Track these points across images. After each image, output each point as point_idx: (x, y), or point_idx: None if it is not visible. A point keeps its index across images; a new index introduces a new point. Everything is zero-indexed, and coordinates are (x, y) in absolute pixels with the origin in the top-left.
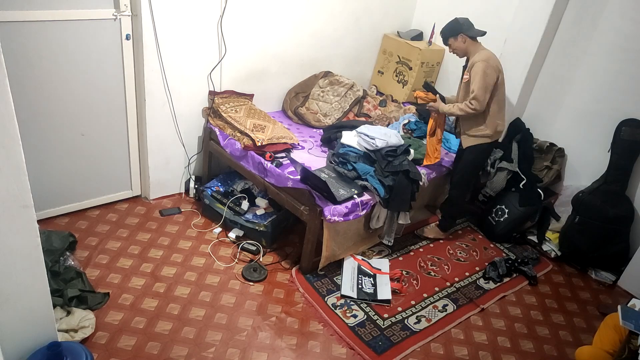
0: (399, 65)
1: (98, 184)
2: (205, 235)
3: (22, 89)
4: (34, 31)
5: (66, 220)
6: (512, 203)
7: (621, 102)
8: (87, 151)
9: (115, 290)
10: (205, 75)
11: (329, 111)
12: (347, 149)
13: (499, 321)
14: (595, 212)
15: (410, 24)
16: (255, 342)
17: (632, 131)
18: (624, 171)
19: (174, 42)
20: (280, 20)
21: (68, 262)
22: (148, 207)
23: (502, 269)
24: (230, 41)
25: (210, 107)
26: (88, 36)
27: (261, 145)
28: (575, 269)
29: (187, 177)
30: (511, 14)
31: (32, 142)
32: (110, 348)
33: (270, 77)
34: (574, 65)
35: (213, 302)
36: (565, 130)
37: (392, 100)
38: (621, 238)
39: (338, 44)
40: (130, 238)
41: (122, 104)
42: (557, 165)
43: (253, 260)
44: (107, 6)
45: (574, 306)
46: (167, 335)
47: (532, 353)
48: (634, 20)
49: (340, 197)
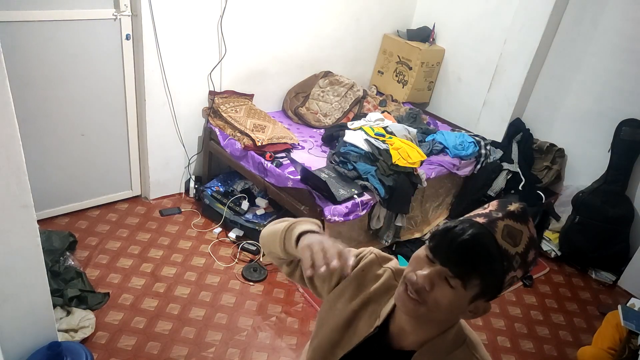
0: (399, 65)
1: (98, 184)
2: (205, 235)
3: (22, 89)
4: (34, 31)
5: (66, 220)
6: None
7: (621, 102)
8: (87, 151)
9: (115, 290)
10: (205, 75)
11: (329, 111)
12: (349, 147)
13: (499, 321)
14: (595, 212)
15: (410, 24)
16: (255, 342)
17: (632, 131)
18: (624, 171)
19: (174, 42)
20: (280, 20)
21: (68, 262)
22: (148, 207)
23: None
24: (230, 41)
25: (210, 107)
26: (88, 36)
27: (261, 145)
28: (575, 269)
29: (187, 177)
30: (511, 14)
31: (32, 142)
32: (110, 348)
33: (270, 77)
34: (574, 65)
35: (213, 302)
36: (565, 131)
37: (392, 100)
38: (621, 238)
39: (338, 44)
40: (130, 238)
41: (122, 104)
42: (557, 166)
43: (253, 260)
44: (107, 6)
45: (574, 306)
46: (167, 335)
47: (532, 353)
48: (634, 20)
49: (340, 197)
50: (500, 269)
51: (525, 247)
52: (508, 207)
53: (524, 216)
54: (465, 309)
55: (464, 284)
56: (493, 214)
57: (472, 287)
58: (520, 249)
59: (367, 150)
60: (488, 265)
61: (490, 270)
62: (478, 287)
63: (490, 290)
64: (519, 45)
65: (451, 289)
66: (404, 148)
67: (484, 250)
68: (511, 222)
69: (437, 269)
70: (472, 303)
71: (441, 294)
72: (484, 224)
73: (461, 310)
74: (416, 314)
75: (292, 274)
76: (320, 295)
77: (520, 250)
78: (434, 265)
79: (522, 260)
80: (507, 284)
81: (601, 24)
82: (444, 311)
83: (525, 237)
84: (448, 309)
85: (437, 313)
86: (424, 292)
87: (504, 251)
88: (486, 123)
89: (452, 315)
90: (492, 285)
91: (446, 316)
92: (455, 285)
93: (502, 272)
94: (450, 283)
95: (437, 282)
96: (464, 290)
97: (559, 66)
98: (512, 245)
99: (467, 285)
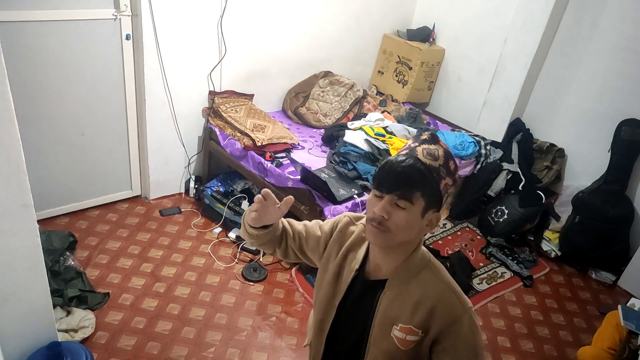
0: (399, 65)
1: (98, 184)
2: (205, 235)
3: (22, 89)
4: (34, 31)
5: (66, 220)
6: (512, 204)
7: (621, 102)
8: (87, 151)
9: (115, 290)
10: (205, 75)
11: (329, 111)
12: (349, 147)
13: (499, 321)
14: (595, 212)
15: (410, 23)
16: (255, 342)
17: (632, 131)
18: (624, 171)
19: (174, 42)
20: (280, 20)
21: (68, 262)
22: (148, 207)
23: (497, 254)
24: (230, 41)
25: (211, 107)
26: (88, 36)
27: (261, 145)
28: (575, 269)
29: (187, 177)
30: (511, 14)
31: (32, 142)
32: (110, 348)
33: (270, 77)
34: (574, 65)
35: (213, 302)
36: (565, 131)
37: (392, 100)
38: (621, 238)
39: (338, 44)
40: (130, 238)
41: (122, 103)
42: (557, 166)
43: (253, 260)
44: (107, 6)
45: (574, 306)
46: (167, 335)
47: (532, 353)
48: (634, 21)
49: (340, 197)
50: (432, 179)
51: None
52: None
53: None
54: (421, 223)
55: (410, 201)
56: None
57: (417, 200)
58: (441, 162)
59: (367, 150)
60: (422, 179)
61: (425, 182)
62: (422, 198)
63: (432, 199)
64: (519, 45)
65: (403, 210)
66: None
67: (414, 169)
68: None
69: (387, 199)
70: (424, 217)
71: (397, 216)
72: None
73: (419, 226)
74: (386, 242)
75: (287, 254)
76: (315, 264)
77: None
78: (383, 198)
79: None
80: (444, 192)
81: (601, 24)
82: (405, 230)
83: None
84: (407, 227)
85: (401, 234)
86: (384, 221)
87: (429, 166)
88: (486, 123)
89: (413, 232)
90: (432, 195)
91: (409, 236)
92: (405, 205)
93: (435, 182)
94: (400, 205)
95: (390, 209)
96: (412, 205)
97: (559, 66)
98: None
99: (413, 200)
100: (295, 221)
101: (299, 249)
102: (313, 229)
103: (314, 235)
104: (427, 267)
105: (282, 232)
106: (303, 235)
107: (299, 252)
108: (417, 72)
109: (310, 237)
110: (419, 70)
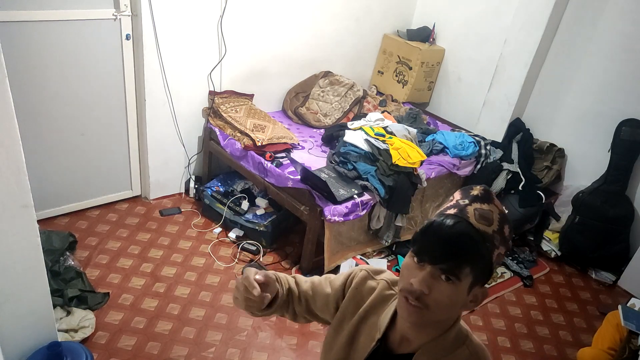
0: (399, 65)
1: (98, 184)
2: (205, 235)
3: (22, 89)
4: (34, 31)
5: (66, 220)
6: (512, 204)
7: (621, 102)
8: (87, 151)
9: (115, 290)
10: (205, 75)
11: (329, 111)
12: (349, 147)
13: (499, 321)
14: (595, 212)
15: (410, 24)
16: (255, 342)
17: (632, 131)
18: (624, 171)
19: (174, 42)
20: (280, 20)
21: (68, 262)
22: (148, 207)
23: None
24: (230, 41)
25: (211, 107)
26: (88, 36)
27: (261, 145)
28: (575, 269)
29: (187, 177)
30: (511, 14)
31: (32, 142)
32: (110, 348)
33: (270, 77)
34: (574, 65)
35: (213, 302)
36: (565, 131)
37: (392, 100)
38: (621, 238)
39: (338, 44)
40: (130, 238)
41: (122, 104)
42: (557, 166)
43: (253, 260)
44: (107, 6)
45: (574, 306)
46: (167, 335)
47: (532, 353)
48: (634, 21)
49: (340, 197)
50: (485, 250)
51: (499, 224)
52: (471, 192)
53: (488, 196)
54: (465, 300)
55: (457, 276)
56: (461, 203)
57: (465, 277)
58: (496, 227)
59: (367, 150)
60: (474, 251)
61: (477, 255)
62: (471, 274)
63: (482, 274)
64: (519, 45)
65: (447, 285)
66: (404, 148)
67: (466, 238)
68: (479, 205)
69: (429, 270)
70: (470, 292)
71: (439, 292)
72: (457, 214)
73: (462, 303)
74: (422, 320)
75: (295, 317)
76: (328, 322)
77: (496, 227)
78: (424, 268)
79: (500, 237)
80: (496, 263)
81: (601, 24)
82: (447, 309)
83: (496, 215)
84: (450, 305)
85: (440, 313)
86: (423, 297)
87: (482, 233)
88: (486, 123)
89: (455, 310)
90: (483, 269)
91: (450, 313)
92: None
93: (488, 253)
94: (445, 279)
95: (432, 283)
96: (460, 281)
97: (559, 66)
98: (487, 225)
99: (460, 276)
100: (302, 278)
101: (307, 311)
102: (321, 286)
103: (322, 293)
104: (463, 345)
105: (288, 295)
106: (310, 295)
107: (308, 315)
108: (417, 72)
109: (319, 296)
110: (419, 70)
